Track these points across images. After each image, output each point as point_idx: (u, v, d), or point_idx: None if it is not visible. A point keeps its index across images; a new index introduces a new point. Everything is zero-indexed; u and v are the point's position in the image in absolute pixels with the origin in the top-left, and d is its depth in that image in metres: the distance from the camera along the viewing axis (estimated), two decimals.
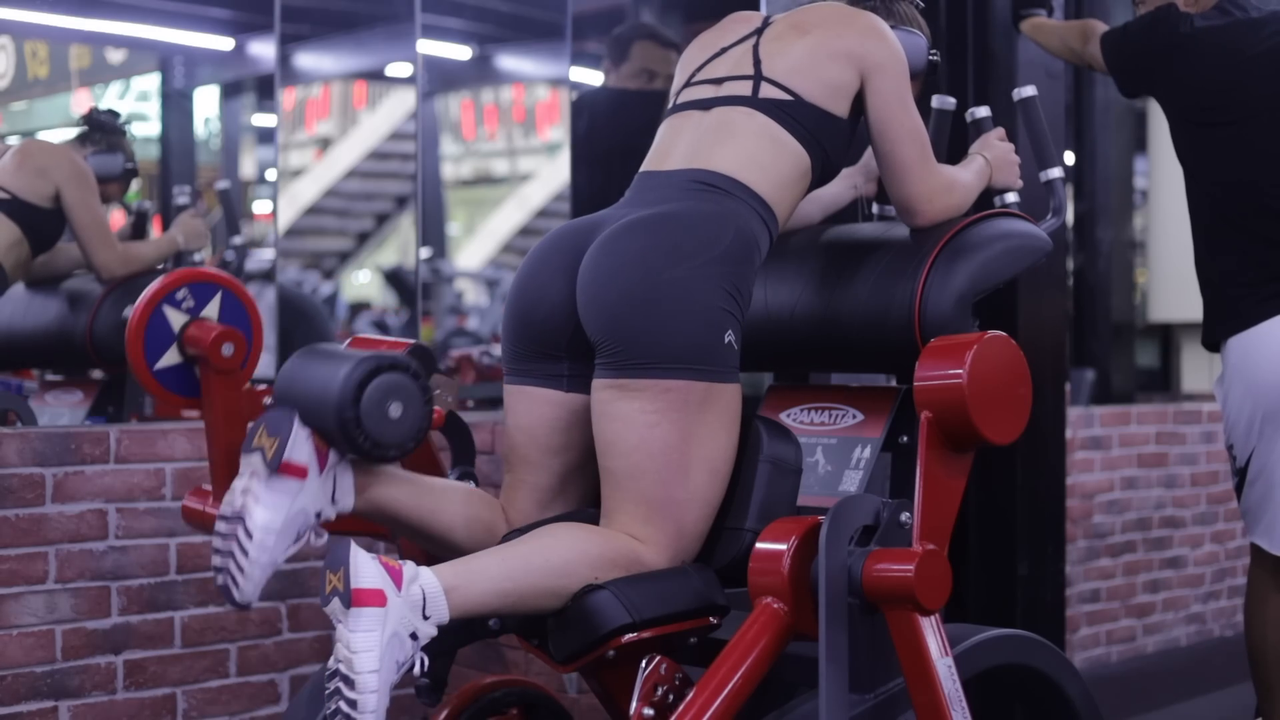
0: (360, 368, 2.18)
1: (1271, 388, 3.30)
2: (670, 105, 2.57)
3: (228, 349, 2.65)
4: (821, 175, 2.50)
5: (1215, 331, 3.44)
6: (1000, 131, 2.68)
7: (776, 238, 2.44)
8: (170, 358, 2.69)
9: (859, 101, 2.47)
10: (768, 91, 2.44)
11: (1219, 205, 3.42)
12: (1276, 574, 3.42)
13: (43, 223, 3.74)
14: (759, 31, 2.53)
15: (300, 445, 2.18)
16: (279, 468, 2.16)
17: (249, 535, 2.14)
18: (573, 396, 2.38)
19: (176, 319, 2.67)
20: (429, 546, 2.40)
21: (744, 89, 2.46)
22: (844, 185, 2.76)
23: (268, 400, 2.50)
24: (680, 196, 2.36)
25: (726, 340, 2.27)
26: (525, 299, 2.40)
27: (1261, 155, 3.35)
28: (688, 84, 2.56)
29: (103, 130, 3.93)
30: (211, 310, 2.69)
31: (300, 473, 2.18)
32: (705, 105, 2.49)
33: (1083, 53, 3.59)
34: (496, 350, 5.37)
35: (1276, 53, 3.36)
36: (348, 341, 2.65)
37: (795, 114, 2.43)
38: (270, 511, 2.15)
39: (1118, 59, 3.52)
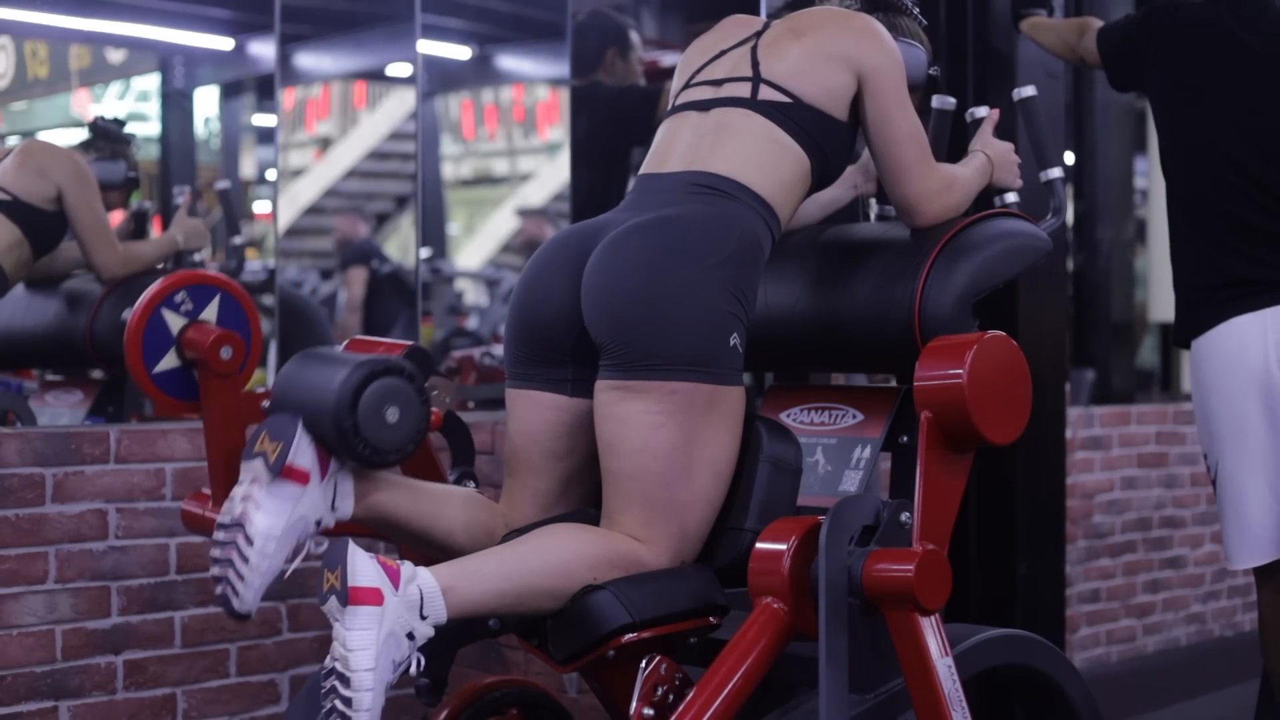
0: (356, 373, 2.17)
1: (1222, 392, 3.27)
2: (669, 106, 2.57)
3: (226, 352, 2.63)
4: (822, 178, 2.49)
5: (1183, 332, 3.42)
6: (994, 116, 2.68)
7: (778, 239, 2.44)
8: (169, 361, 2.68)
9: (859, 105, 2.47)
10: (766, 94, 2.44)
11: (1186, 207, 3.38)
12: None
13: (44, 225, 3.73)
14: (757, 35, 2.53)
15: (304, 450, 2.17)
16: (281, 472, 2.15)
17: (249, 542, 2.13)
18: (577, 401, 2.38)
19: (175, 322, 2.66)
20: (429, 551, 2.39)
21: (743, 90, 2.46)
22: (844, 185, 2.75)
23: (266, 404, 2.50)
24: (683, 200, 2.36)
25: (732, 343, 2.26)
26: (529, 303, 2.40)
27: (1224, 159, 3.31)
28: (687, 85, 2.55)
29: (107, 139, 3.94)
30: (210, 313, 2.68)
31: (302, 478, 2.17)
32: (704, 106, 2.48)
33: (1077, 47, 3.59)
34: (497, 350, 5.37)
35: (1271, 56, 3.33)
36: (345, 344, 2.64)
37: (794, 116, 2.42)
38: (271, 518, 2.14)
39: (1111, 51, 3.52)
